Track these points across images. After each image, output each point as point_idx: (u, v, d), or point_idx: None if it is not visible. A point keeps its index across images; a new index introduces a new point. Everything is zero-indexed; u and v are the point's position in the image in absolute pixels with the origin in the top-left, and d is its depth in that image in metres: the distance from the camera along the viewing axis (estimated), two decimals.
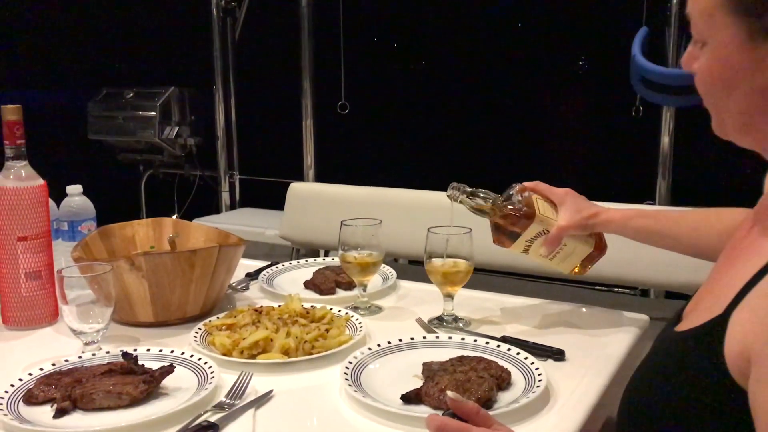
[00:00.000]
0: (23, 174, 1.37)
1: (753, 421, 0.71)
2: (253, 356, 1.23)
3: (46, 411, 1.05)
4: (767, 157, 0.86)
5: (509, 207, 1.32)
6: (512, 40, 3.91)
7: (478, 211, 1.35)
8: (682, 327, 0.86)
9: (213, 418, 1.02)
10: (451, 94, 4.12)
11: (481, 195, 1.34)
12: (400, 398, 1.05)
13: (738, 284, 0.78)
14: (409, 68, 4.21)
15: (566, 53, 3.78)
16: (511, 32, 3.89)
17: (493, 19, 3.96)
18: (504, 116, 3.99)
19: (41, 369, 1.15)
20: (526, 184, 1.37)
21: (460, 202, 1.35)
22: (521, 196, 1.33)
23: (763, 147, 0.84)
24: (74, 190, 1.65)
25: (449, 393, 0.88)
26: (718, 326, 0.77)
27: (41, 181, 1.40)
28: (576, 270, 1.40)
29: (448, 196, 1.36)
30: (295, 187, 2.60)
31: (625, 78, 2.53)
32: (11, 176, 1.36)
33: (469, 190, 1.35)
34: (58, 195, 1.63)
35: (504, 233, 1.35)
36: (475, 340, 1.25)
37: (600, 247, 1.39)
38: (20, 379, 1.11)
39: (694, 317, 0.84)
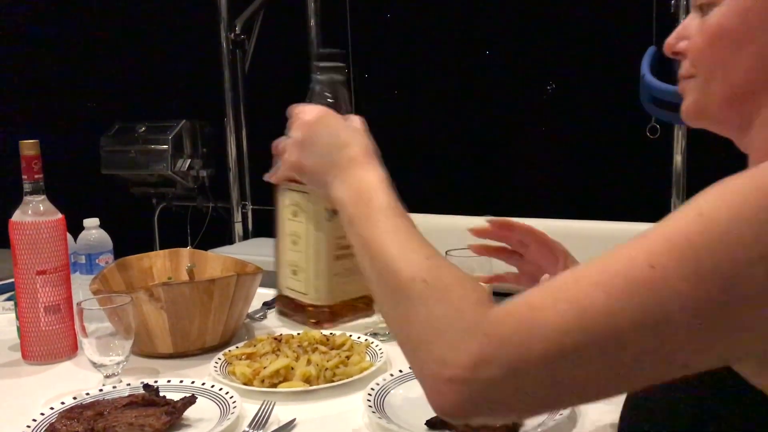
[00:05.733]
0: (41, 208, 1.38)
1: None
2: (275, 385, 1.22)
3: None
4: (739, 145, 0.78)
5: None
6: (527, 57, 3.92)
7: None
8: None
9: None
10: (459, 118, 4.14)
11: None
12: (425, 424, 1.04)
13: None
14: (415, 95, 4.23)
15: (579, 72, 3.79)
16: (527, 51, 3.91)
17: (503, 34, 3.98)
18: (516, 137, 3.99)
19: (63, 403, 1.15)
20: None
21: None
22: None
23: (741, 125, 0.75)
24: (91, 223, 1.66)
25: None
26: None
27: (59, 215, 1.40)
28: None
29: None
30: None
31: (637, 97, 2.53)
32: (29, 211, 1.37)
33: None
34: (75, 229, 1.63)
35: None
36: None
37: None
38: (42, 414, 1.11)
39: None
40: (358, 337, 1.41)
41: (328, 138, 0.82)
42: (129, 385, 1.21)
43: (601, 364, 0.56)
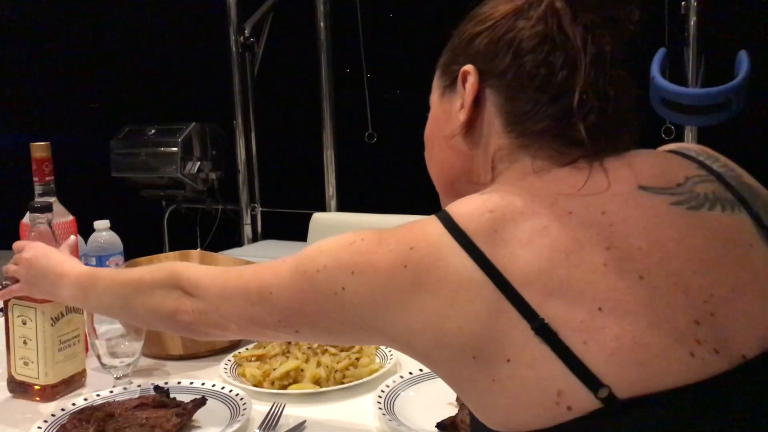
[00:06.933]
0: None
1: None
2: (284, 387, 1.22)
3: None
4: None
5: None
6: None
7: None
8: None
9: None
10: None
11: None
12: (436, 426, 1.04)
13: None
14: (424, 95, 4.23)
15: None
16: None
17: None
18: None
19: (73, 404, 1.15)
20: None
21: None
22: None
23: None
24: (102, 225, 1.66)
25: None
26: None
27: (70, 217, 1.41)
28: None
29: None
30: (318, 218, 2.60)
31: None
32: None
33: None
34: (85, 231, 1.63)
35: None
36: None
37: None
38: (53, 415, 1.11)
39: None
40: None
41: (45, 268, 1.11)
42: (139, 386, 1.21)
43: (247, 308, 0.82)
